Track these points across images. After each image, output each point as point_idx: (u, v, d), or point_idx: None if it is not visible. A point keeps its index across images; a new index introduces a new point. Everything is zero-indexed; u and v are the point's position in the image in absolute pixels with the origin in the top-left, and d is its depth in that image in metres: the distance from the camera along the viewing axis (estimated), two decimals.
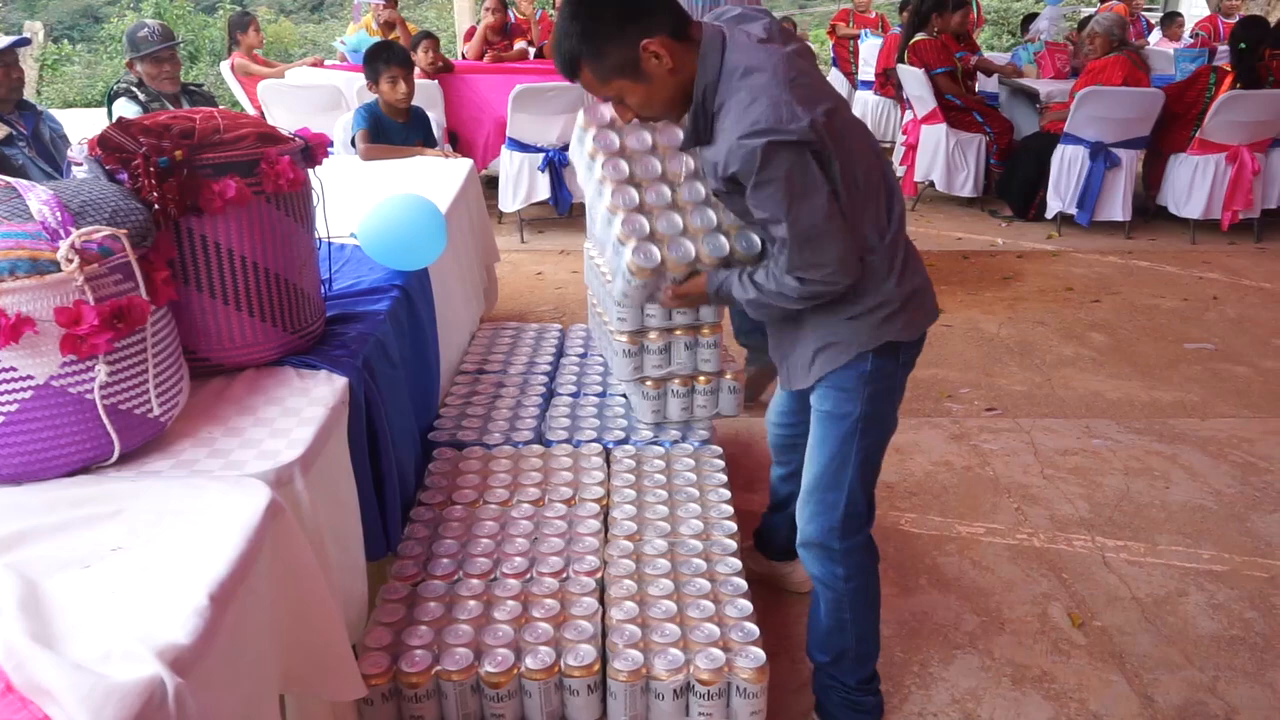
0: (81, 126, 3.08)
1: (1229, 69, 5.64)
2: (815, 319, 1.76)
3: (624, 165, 2.00)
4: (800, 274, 1.64)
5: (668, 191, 1.99)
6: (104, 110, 4.04)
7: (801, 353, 1.81)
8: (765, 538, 2.49)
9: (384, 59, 4.10)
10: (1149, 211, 6.13)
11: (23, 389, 1.36)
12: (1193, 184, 5.76)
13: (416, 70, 4.80)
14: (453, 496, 2.25)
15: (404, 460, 2.17)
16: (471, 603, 1.88)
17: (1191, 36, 8.73)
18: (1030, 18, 9.02)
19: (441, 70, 6.15)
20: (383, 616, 1.86)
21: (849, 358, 1.74)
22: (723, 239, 1.92)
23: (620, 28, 1.58)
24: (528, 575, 1.96)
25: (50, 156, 3.26)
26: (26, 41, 3.58)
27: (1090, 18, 6.69)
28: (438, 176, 3.43)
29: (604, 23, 1.58)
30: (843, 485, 1.82)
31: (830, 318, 1.74)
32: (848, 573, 1.88)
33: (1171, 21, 9.52)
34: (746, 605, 1.89)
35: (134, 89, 3.82)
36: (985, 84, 7.39)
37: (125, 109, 3.75)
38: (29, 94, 3.50)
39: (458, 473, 2.35)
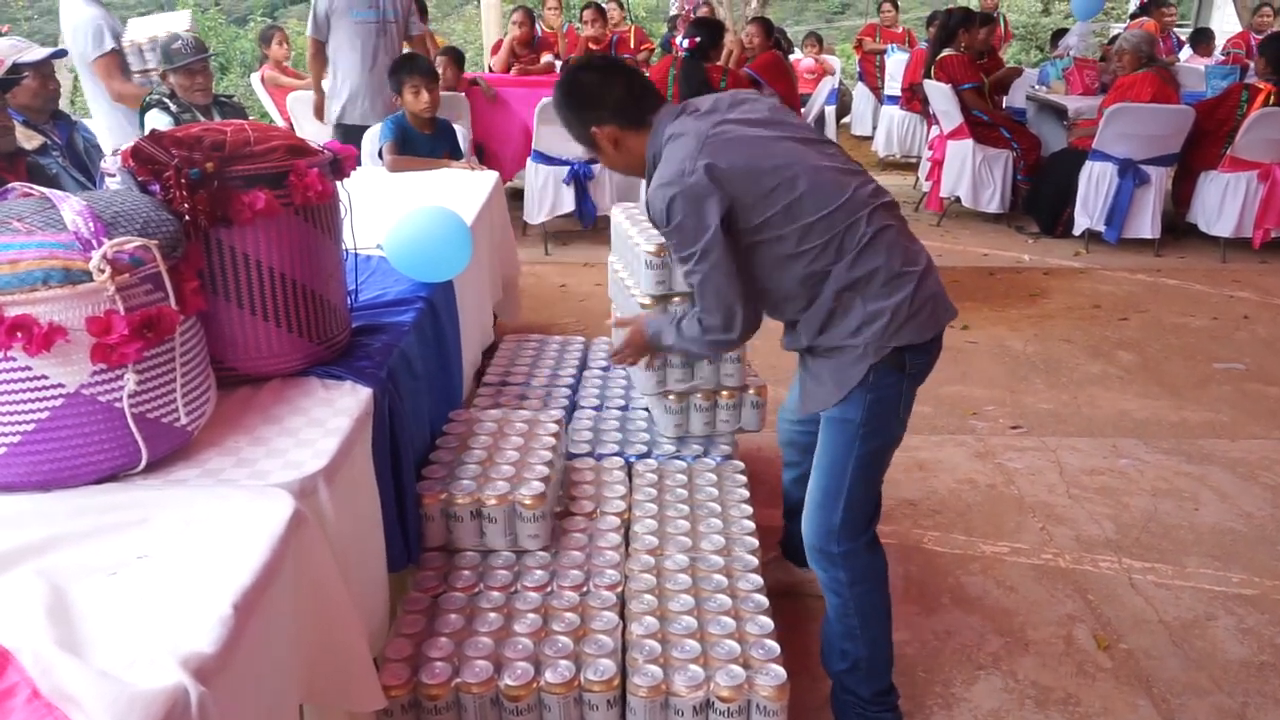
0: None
1: (1261, 86, 5.58)
2: (823, 346, 1.87)
3: None
4: (701, 317, 1.88)
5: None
6: (138, 120, 4.09)
7: (823, 380, 1.90)
8: (791, 545, 2.49)
9: (406, 69, 4.14)
10: (1178, 229, 6.07)
11: (53, 397, 1.38)
12: (1223, 202, 5.70)
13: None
14: None
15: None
16: (492, 615, 1.88)
17: (1223, 54, 8.65)
18: (1059, 33, 8.97)
19: (473, 84, 6.21)
20: (403, 628, 1.86)
21: (862, 373, 1.82)
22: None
23: (576, 114, 1.93)
24: (548, 588, 1.96)
25: (84, 166, 3.30)
26: (63, 53, 3.63)
27: (1119, 35, 6.66)
28: (464, 189, 3.45)
29: (566, 107, 1.95)
30: (841, 490, 1.90)
31: (834, 340, 1.85)
32: (850, 577, 1.94)
33: (1202, 39, 9.43)
34: (767, 622, 1.88)
35: (166, 100, 3.87)
36: (1012, 99, 7.36)
37: (157, 120, 3.79)
38: (63, 104, 3.55)
39: None
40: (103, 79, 4.16)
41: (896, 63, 8.95)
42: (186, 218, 1.61)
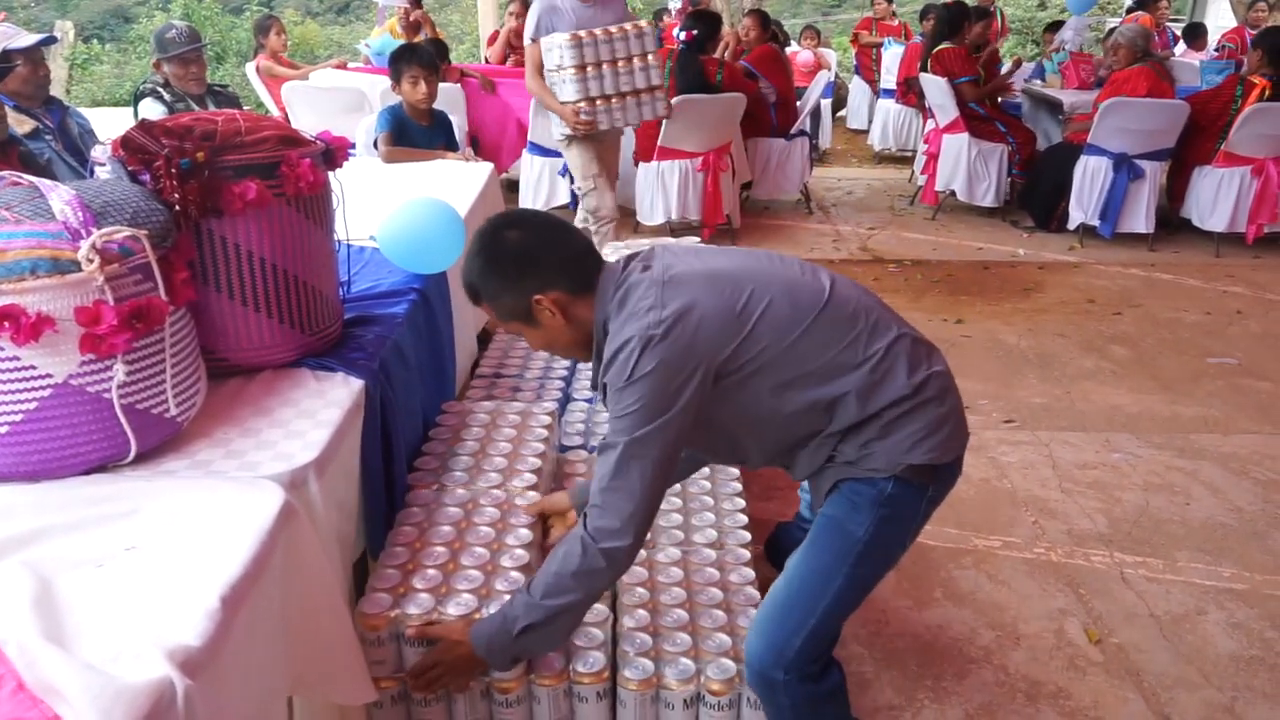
0: (109, 125, 3.10)
1: (1256, 81, 5.57)
2: (837, 456, 1.62)
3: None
4: (593, 519, 1.52)
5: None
6: (130, 110, 4.08)
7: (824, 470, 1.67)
8: (776, 547, 2.47)
9: (406, 60, 4.12)
10: (1172, 224, 6.08)
11: (42, 387, 1.37)
12: (1217, 197, 5.71)
13: None
14: None
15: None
16: None
17: (1217, 49, 8.65)
18: (1053, 26, 8.95)
19: (462, 75, 6.20)
20: None
21: (865, 474, 1.60)
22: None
23: (515, 279, 1.58)
24: None
25: (77, 150, 3.28)
26: (54, 40, 3.62)
27: (1114, 29, 6.64)
28: (459, 180, 3.44)
29: (500, 270, 1.59)
30: (815, 609, 1.60)
31: (850, 448, 1.60)
32: (792, 701, 1.62)
33: (1195, 34, 9.42)
34: None
35: (160, 89, 3.85)
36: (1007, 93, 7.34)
37: (151, 109, 3.78)
38: (59, 94, 3.53)
39: None
40: (526, 65, 4.44)
41: (893, 56, 8.94)
42: (177, 208, 1.60)
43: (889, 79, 8.91)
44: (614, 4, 4.36)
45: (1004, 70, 6.97)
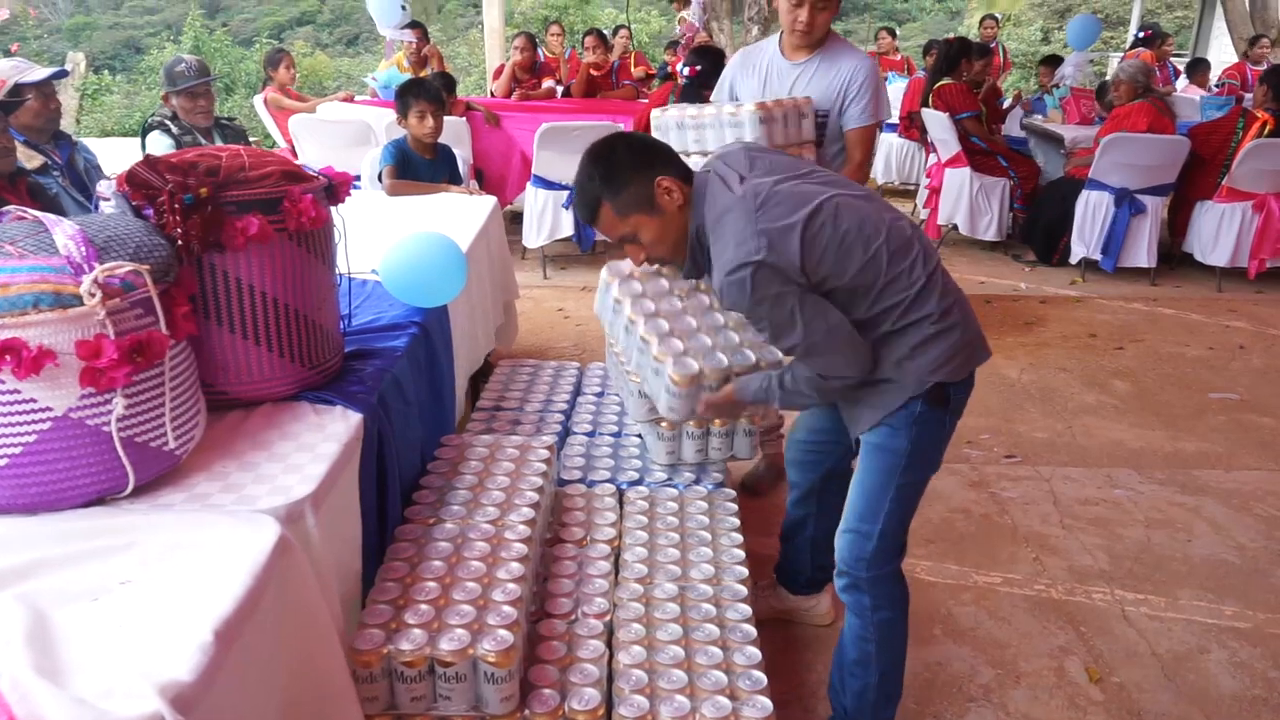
0: (118, 156, 3.13)
1: (1259, 115, 5.61)
2: (882, 364, 1.88)
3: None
4: (820, 372, 1.87)
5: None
6: (139, 141, 4.12)
7: (861, 397, 1.93)
8: (787, 571, 2.50)
9: (414, 94, 4.16)
10: (1174, 258, 6.09)
11: (41, 420, 1.38)
12: (1219, 232, 5.73)
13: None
14: None
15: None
16: None
17: (1218, 85, 8.71)
18: (1048, 60, 9.01)
19: (468, 109, 6.26)
20: None
21: (902, 400, 1.86)
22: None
23: (637, 168, 1.86)
24: (536, 616, 1.95)
25: (84, 186, 3.31)
26: (65, 74, 3.65)
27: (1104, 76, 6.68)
28: (461, 214, 3.47)
29: (622, 165, 1.86)
30: (878, 518, 1.92)
31: (880, 364, 1.87)
32: (875, 602, 1.97)
33: (1199, 69, 9.49)
34: (755, 653, 1.87)
35: (168, 122, 3.89)
36: (1010, 128, 7.39)
37: (158, 142, 3.82)
38: (69, 123, 3.56)
39: None
40: None
41: (895, 90, 9.00)
42: (179, 242, 1.62)
43: (892, 113, 8.97)
44: (844, 62, 2.87)
45: (1006, 105, 7.03)
